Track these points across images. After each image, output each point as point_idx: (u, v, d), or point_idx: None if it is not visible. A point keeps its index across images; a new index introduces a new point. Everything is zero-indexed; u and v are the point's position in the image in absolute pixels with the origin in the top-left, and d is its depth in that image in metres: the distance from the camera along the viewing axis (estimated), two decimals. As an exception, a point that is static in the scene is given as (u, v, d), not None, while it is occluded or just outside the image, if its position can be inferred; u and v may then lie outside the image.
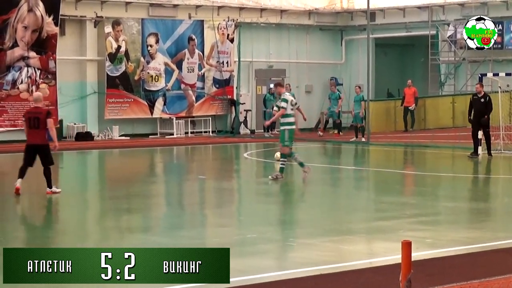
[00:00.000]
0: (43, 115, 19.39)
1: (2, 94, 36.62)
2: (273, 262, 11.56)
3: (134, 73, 40.03)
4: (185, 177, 24.78)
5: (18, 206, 18.76)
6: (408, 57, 49.53)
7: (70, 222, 16.43)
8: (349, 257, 12.07)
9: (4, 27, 36.31)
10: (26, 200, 19.30)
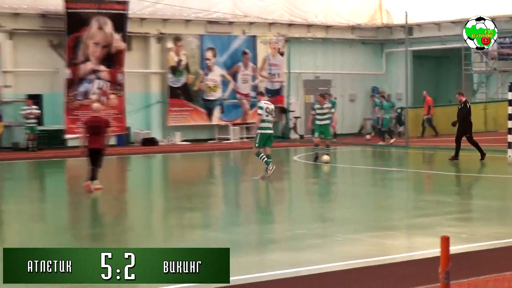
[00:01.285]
0: (103, 123, 20.00)
1: (75, 104, 36.93)
2: (321, 256, 11.51)
3: (193, 84, 40.22)
4: (240, 178, 24.80)
5: (91, 205, 18.89)
6: (443, 68, 49.12)
7: (138, 220, 16.49)
8: (391, 251, 12.00)
9: (77, 43, 36.64)
10: (97, 199, 19.44)
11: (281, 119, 42.90)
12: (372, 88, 45.34)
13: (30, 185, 24.92)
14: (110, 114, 37.58)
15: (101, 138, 19.88)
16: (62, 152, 34.50)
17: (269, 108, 22.58)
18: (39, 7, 36.80)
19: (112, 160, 32.37)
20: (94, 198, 19.39)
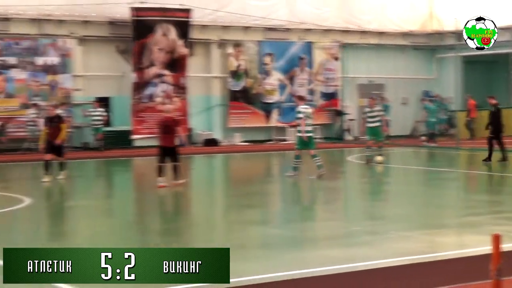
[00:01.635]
0: (174, 123, 20.80)
1: (141, 106, 37.27)
2: (375, 252, 11.47)
3: (252, 87, 40.31)
4: (297, 177, 24.79)
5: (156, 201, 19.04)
6: (493, 72, 48.51)
7: (200, 216, 16.59)
8: (442, 248, 11.91)
9: (142, 49, 36.97)
10: (162, 196, 19.58)
11: (336, 121, 42.82)
12: (423, 91, 44.98)
13: (99, 183, 25.21)
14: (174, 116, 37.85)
15: (172, 137, 20.48)
16: (129, 151, 34.83)
17: (307, 112, 22.69)
18: (108, 15, 37.17)
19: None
20: (159, 195, 19.54)
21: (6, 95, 34.94)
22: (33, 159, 30.59)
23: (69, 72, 36.24)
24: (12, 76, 35.10)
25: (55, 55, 35.97)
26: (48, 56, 35.84)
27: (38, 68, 35.60)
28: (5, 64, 34.93)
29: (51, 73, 35.87)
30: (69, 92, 36.11)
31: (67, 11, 36.50)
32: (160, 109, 37.31)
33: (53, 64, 35.90)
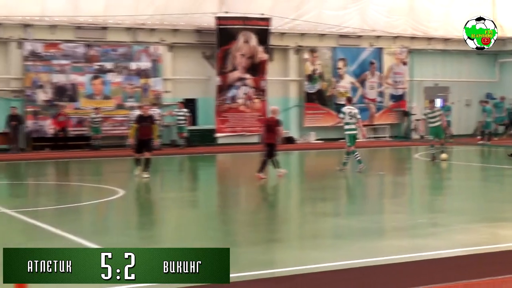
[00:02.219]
0: (275, 122, 21.12)
1: (224, 107, 37.49)
2: (440, 242, 11.31)
3: (326, 90, 40.18)
4: (367, 173, 24.61)
5: (238, 193, 19.10)
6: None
7: (278, 208, 16.61)
8: (504, 240, 11.69)
9: (226, 55, 37.17)
10: (244, 189, 19.65)
11: (404, 121, 42.45)
12: (486, 94, 44.24)
13: (186, 176, 25.43)
14: (254, 116, 38.03)
15: (273, 135, 20.93)
16: (212, 148, 35.08)
17: (351, 113, 23.16)
18: (195, 24, 37.47)
19: (255, 156, 32.71)
20: (241, 188, 19.62)
21: (103, 96, 35.53)
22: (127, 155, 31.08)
23: (159, 76, 36.65)
24: (109, 80, 35.67)
25: (147, 61, 36.41)
26: (141, 61, 36.30)
27: (132, 72, 36.10)
28: (102, 68, 35.52)
29: (144, 77, 36.32)
30: (159, 94, 36.54)
31: (158, 21, 36.91)
32: (242, 110, 37.71)
33: (145, 68, 36.34)
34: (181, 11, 36.43)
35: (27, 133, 34.04)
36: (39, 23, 34.68)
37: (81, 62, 35.00)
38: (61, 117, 33.73)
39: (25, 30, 34.57)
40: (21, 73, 34.27)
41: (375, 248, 10.76)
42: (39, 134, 34.23)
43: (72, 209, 15.65)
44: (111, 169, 26.87)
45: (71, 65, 34.79)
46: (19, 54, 34.27)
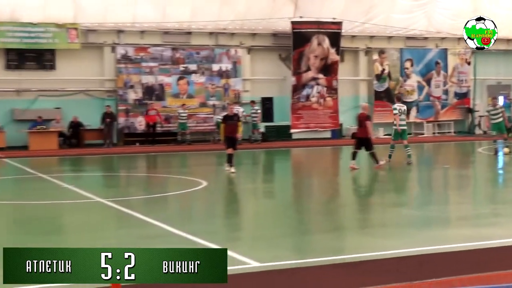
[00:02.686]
0: (365, 118, 21.32)
1: (299, 105, 37.50)
2: (504, 231, 11.09)
3: (394, 88, 39.82)
4: (433, 166, 24.34)
5: (311, 185, 19.06)
6: None
7: (345, 198, 16.53)
8: None
9: (300, 56, 37.18)
10: (315, 181, 19.59)
11: (468, 117, 41.77)
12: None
13: (264, 169, 25.50)
14: (326, 113, 37.93)
15: (364, 129, 21.11)
16: (288, 143, 35.11)
17: (401, 109, 23.23)
18: (272, 28, 37.55)
19: (327, 150, 32.61)
20: (314, 179, 19.57)
21: (187, 96, 35.94)
22: (210, 149, 31.34)
23: (239, 76, 36.88)
24: (193, 80, 36.05)
25: (228, 62, 36.66)
26: (222, 63, 36.57)
27: (214, 73, 36.41)
28: (187, 70, 35.91)
29: (225, 77, 36.59)
30: (239, 93, 36.75)
31: (238, 26, 37.11)
32: (315, 108, 37.65)
33: (226, 69, 36.59)
34: (259, 17, 36.55)
35: (119, 129, 34.68)
36: (130, 29, 35.26)
37: (168, 64, 35.47)
38: (152, 111, 34.27)
39: (118, 36, 35.20)
40: (114, 74, 34.93)
41: (440, 236, 10.62)
42: (130, 130, 34.85)
43: (160, 198, 15.87)
44: (196, 162, 27.13)
45: (159, 67, 35.30)
46: (112, 58, 34.93)
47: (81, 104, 34.35)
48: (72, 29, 33.74)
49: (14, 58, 33.50)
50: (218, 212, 14.06)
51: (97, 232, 11.50)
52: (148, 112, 34.29)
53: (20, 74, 33.68)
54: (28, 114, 33.41)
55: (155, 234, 10.91)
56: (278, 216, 13.28)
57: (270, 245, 10.06)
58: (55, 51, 34.02)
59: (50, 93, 34.10)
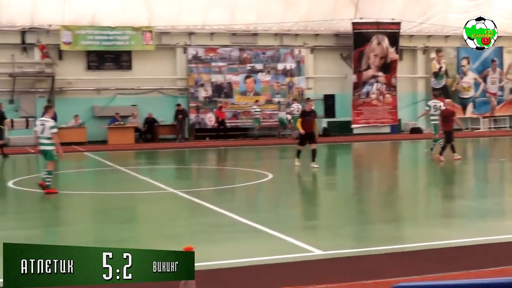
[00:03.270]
0: (451, 113, 21.23)
1: (359, 102, 37.20)
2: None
3: (451, 85, 39.23)
4: (488, 159, 23.84)
5: (373, 177, 18.85)
6: None
7: (405, 190, 16.29)
8: None
9: (361, 56, 36.86)
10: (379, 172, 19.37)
11: (523, 113, 40.91)
12: None
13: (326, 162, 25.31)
14: (385, 109, 37.52)
15: (450, 123, 21.05)
16: (349, 138, 34.86)
17: (436, 106, 23.37)
18: (333, 29, 37.34)
19: (387, 144, 32.24)
20: (375, 172, 19.34)
21: (254, 93, 36.01)
22: (275, 144, 31.33)
23: (302, 75, 36.80)
24: (259, 79, 36.11)
25: (292, 62, 36.61)
26: (287, 62, 36.53)
27: (279, 72, 36.41)
28: (253, 69, 35.98)
29: (289, 76, 36.56)
30: (302, 90, 36.66)
31: (302, 27, 37.01)
32: (374, 104, 37.28)
33: (290, 68, 36.55)
34: (322, 18, 36.40)
35: (191, 125, 34.98)
36: (200, 31, 35.50)
37: (235, 64, 35.59)
38: (224, 108, 34.44)
39: (189, 37, 35.48)
40: (185, 74, 35.23)
41: (497, 227, 10.36)
42: (200, 126, 35.11)
43: (228, 189, 15.92)
44: (262, 156, 27.14)
45: (227, 67, 35.45)
46: (184, 58, 35.23)
47: (155, 101, 34.74)
48: (147, 32, 34.16)
49: (94, 60, 34.12)
50: (282, 202, 14.01)
51: (170, 221, 11.59)
52: (221, 109, 34.51)
53: (99, 74, 34.27)
54: (107, 111, 33.98)
55: (224, 223, 10.93)
56: (340, 206, 13.16)
57: (332, 234, 9.97)
58: (132, 53, 34.51)
59: (127, 91, 34.60)
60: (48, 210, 13.37)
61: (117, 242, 9.58)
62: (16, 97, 33.01)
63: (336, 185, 17.54)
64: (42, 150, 15.16)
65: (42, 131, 15.07)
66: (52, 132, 14.99)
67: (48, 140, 15.01)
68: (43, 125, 15.09)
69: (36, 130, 15.27)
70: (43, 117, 15.59)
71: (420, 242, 9.05)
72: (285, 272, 7.50)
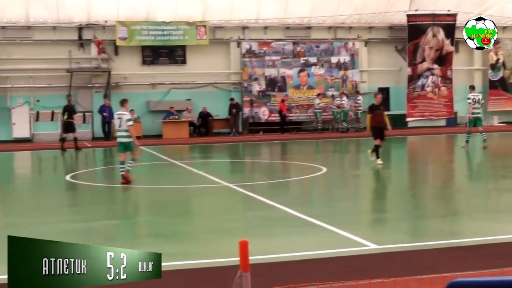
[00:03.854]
0: None
1: (414, 95, 36.79)
2: None
3: (509, 78, 38.49)
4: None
5: (427, 171, 18.64)
6: None
7: (462, 184, 16.06)
8: None
9: (416, 48, 36.44)
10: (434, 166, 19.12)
11: None
12: None
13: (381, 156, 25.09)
14: (441, 102, 37.05)
15: None
16: (404, 131, 34.46)
17: (475, 99, 23.56)
18: (387, 21, 36.98)
19: (442, 138, 31.81)
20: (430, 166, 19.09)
21: (308, 87, 35.94)
22: (329, 137, 31.21)
23: (356, 68, 36.57)
24: (313, 72, 36.01)
25: (346, 55, 36.41)
26: (340, 56, 36.35)
27: (332, 65, 36.25)
28: (307, 62, 35.90)
29: (343, 69, 36.38)
30: (356, 83, 36.44)
31: (356, 20, 36.76)
32: (429, 97, 36.82)
33: (344, 62, 36.35)
34: (376, 11, 36.10)
35: (244, 119, 35.09)
36: (254, 25, 35.58)
37: (289, 58, 35.58)
38: (283, 101, 34.36)
39: (243, 32, 35.57)
40: (239, 68, 35.34)
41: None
42: (254, 120, 35.19)
43: (281, 183, 15.94)
44: (317, 150, 27.08)
45: (281, 60, 35.45)
46: (238, 52, 35.36)
47: (210, 95, 34.95)
48: (201, 27, 34.38)
49: (149, 55, 34.51)
50: (337, 196, 13.97)
51: (225, 215, 11.67)
52: (284, 102, 34.49)
53: (154, 69, 34.64)
54: (161, 106, 34.33)
55: (278, 216, 10.95)
56: (395, 200, 13.06)
57: (388, 228, 9.91)
58: (186, 47, 34.77)
59: (181, 86, 34.90)
60: (105, 203, 13.60)
61: (172, 236, 9.70)
62: (73, 92, 33.59)
63: (391, 179, 17.38)
64: (121, 143, 15.86)
65: (119, 124, 15.77)
66: (128, 125, 15.61)
67: (126, 133, 15.70)
68: (120, 119, 15.75)
69: (114, 124, 16.11)
70: (119, 111, 16.11)
71: (477, 237, 8.93)
72: (341, 266, 7.49)
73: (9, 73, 33.08)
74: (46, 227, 10.56)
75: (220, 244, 8.97)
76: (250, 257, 4.10)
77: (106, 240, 9.54)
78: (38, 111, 33.27)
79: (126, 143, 15.81)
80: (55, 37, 33.48)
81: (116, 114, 16.34)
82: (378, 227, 10.19)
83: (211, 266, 7.68)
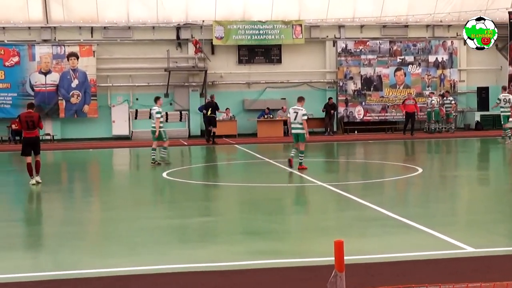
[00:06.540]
0: None
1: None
2: None
3: None
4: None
5: None
6: None
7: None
8: None
9: (518, 46, 35.35)
10: None
11: None
12: None
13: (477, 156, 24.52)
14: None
15: None
16: (504, 132, 33.43)
17: (505, 99, 25.05)
18: (488, 19, 36.01)
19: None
20: None
21: (404, 86, 35.47)
22: (425, 137, 30.65)
23: (454, 67, 35.85)
24: (409, 71, 35.51)
25: (444, 54, 35.74)
26: (438, 54, 35.71)
27: (430, 64, 35.67)
28: (404, 61, 35.44)
29: (440, 68, 35.74)
30: (454, 83, 35.70)
31: (454, 18, 36.02)
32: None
33: (442, 60, 35.70)
34: (475, 8, 35.21)
35: (339, 118, 34.96)
36: (350, 24, 35.42)
37: (385, 57, 35.23)
38: (409, 101, 33.24)
39: (339, 30, 35.45)
40: (335, 67, 35.27)
41: None
42: (349, 119, 35.01)
43: (376, 183, 15.80)
44: (413, 150, 26.65)
45: (377, 59, 35.16)
46: (333, 51, 35.28)
47: (305, 94, 34.81)
48: (297, 26, 34.48)
49: (245, 54, 34.87)
50: (432, 197, 13.73)
51: (319, 214, 11.69)
52: (405, 102, 33.36)
53: (250, 68, 34.97)
54: (256, 104, 34.62)
55: (373, 216, 10.88)
56: (492, 202, 12.73)
57: (485, 231, 9.67)
58: (281, 46, 34.94)
59: (276, 85, 35.09)
60: (200, 200, 13.83)
61: (266, 234, 9.78)
62: (170, 90, 34.32)
63: (488, 181, 16.94)
64: (296, 134, 17.99)
65: (295, 117, 17.84)
66: (303, 118, 17.75)
67: (300, 125, 17.85)
68: (296, 113, 17.84)
69: (289, 117, 18.27)
70: (295, 106, 18.05)
71: None
72: (436, 268, 7.38)
73: (109, 72, 34.13)
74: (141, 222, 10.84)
75: (315, 243, 8.99)
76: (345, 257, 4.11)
77: (200, 236, 9.71)
78: (137, 109, 34.17)
79: (298, 134, 17.89)
80: (154, 37, 34.30)
81: (291, 108, 18.14)
82: (474, 229, 9.96)
83: (305, 265, 7.71)
